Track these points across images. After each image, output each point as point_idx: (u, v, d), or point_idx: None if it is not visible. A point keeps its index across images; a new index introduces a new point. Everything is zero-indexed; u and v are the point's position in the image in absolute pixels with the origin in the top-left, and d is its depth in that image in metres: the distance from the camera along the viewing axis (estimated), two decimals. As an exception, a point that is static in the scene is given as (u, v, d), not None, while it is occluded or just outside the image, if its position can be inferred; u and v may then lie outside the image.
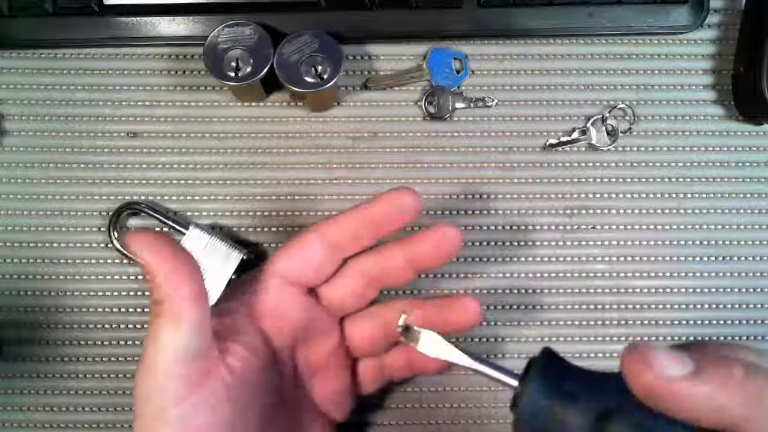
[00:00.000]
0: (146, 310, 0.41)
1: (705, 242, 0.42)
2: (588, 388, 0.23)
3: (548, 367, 0.24)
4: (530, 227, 0.42)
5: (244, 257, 0.40)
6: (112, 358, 0.41)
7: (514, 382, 0.24)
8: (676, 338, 0.42)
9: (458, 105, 0.42)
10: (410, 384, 0.41)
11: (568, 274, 0.42)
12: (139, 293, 0.41)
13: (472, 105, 0.42)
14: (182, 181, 0.42)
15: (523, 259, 0.42)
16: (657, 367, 0.22)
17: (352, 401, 0.34)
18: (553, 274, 0.42)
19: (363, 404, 0.40)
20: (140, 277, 0.41)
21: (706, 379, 0.21)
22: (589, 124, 0.42)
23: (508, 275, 0.42)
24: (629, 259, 0.42)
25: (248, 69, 0.39)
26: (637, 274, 0.42)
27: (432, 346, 0.26)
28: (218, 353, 0.29)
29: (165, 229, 0.41)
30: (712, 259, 0.42)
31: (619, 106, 0.42)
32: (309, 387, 0.34)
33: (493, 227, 0.42)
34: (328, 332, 0.33)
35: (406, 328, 0.27)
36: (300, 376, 0.34)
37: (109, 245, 0.41)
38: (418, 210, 0.32)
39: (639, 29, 0.42)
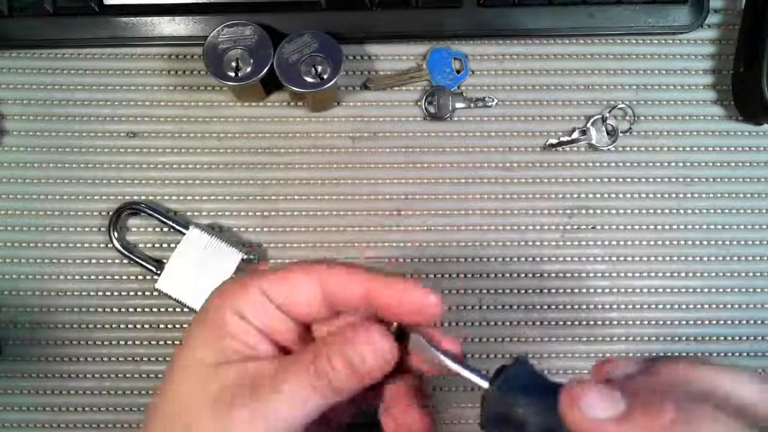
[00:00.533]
0: (146, 310, 0.41)
1: (705, 242, 0.42)
2: (548, 398, 0.24)
3: (516, 373, 0.26)
4: (530, 227, 0.42)
5: (244, 257, 0.40)
6: (112, 358, 0.41)
7: (485, 384, 0.26)
8: (677, 338, 0.42)
9: (458, 105, 0.42)
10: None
11: (568, 274, 0.42)
12: (139, 293, 0.41)
13: (472, 105, 0.42)
14: (182, 181, 0.42)
15: (523, 259, 0.42)
16: (586, 407, 0.22)
17: (357, 406, 0.33)
18: (553, 274, 0.42)
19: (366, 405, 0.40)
20: (140, 277, 0.41)
21: (634, 423, 0.22)
22: (589, 124, 0.42)
23: (508, 275, 0.42)
24: (629, 259, 0.42)
25: (248, 69, 0.39)
26: (637, 274, 0.42)
27: (418, 347, 0.27)
28: None
29: (165, 229, 0.41)
30: (712, 259, 0.42)
31: (619, 106, 0.42)
32: None
33: (493, 227, 0.42)
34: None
35: (398, 330, 0.28)
36: None
37: (109, 245, 0.41)
38: (433, 321, 0.28)
39: (639, 29, 0.42)
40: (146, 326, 0.41)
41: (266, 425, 0.25)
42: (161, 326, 0.41)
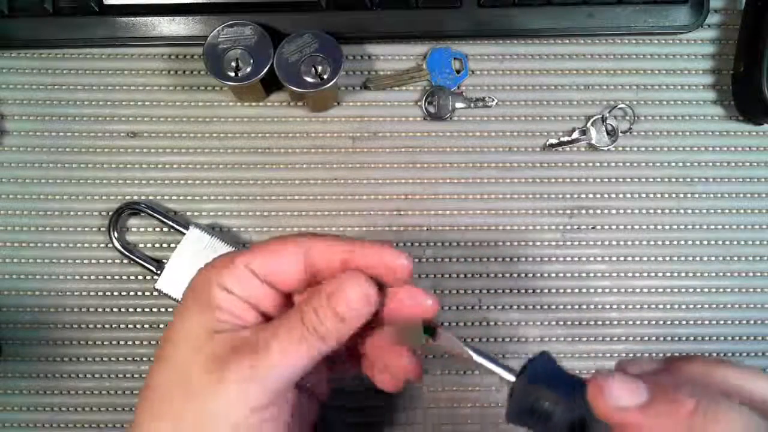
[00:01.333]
0: (146, 310, 0.41)
1: (705, 242, 0.42)
2: (572, 391, 0.25)
3: (541, 368, 0.27)
4: (530, 227, 0.42)
5: (244, 257, 0.40)
6: (112, 358, 0.41)
7: (511, 377, 0.27)
8: (676, 338, 0.42)
9: (458, 105, 0.42)
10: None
11: (568, 274, 0.42)
12: (139, 293, 0.41)
13: (472, 105, 0.42)
14: (182, 181, 0.42)
15: (523, 259, 0.42)
16: (611, 396, 0.24)
17: (330, 384, 0.34)
18: (553, 274, 0.42)
19: (367, 406, 0.40)
20: (140, 277, 0.41)
21: (655, 412, 0.23)
22: (589, 124, 0.42)
23: (508, 275, 0.42)
24: (629, 259, 0.42)
25: (248, 69, 0.39)
26: (637, 274, 0.42)
27: (447, 342, 0.29)
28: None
29: (165, 229, 0.41)
30: (712, 259, 0.42)
31: (619, 106, 0.42)
32: None
33: (493, 227, 0.42)
34: None
35: (425, 327, 0.29)
36: None
37: (109, 245, 0.41)
38: (405, 279, 0.29)
39: (639, 29, 0.42)
40: (146, 326, 0.41)
41: (260, 380, 0.26)
42: (161, 326, 0.41)
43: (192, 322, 0.28)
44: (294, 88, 0.39)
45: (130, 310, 0.41)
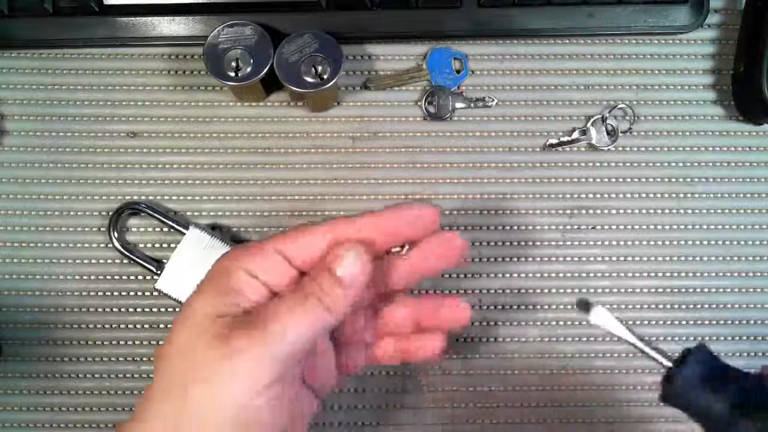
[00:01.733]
0: (146, 310, 0.41)
1: (705, 242, 0.42)
2: (732, 380, 0.28)
3: (702, 357, 0.30)
4: (530, 227, 0.42)
5: (244, 257, 0.40)
6: (112, 358, 0.41)
7: (669, 364, 0.31)
8: (676, 338, 0.42)
9: (458, 105, 0.42)
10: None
11: (568, 274, 0.42)
12: (139, 293, 0.41)
13: (472, 105, 0.42)
14: (182, 181, 0.42)
15: (523, 259, 0.42)
16: None
17: (337, 380, 0.34)
18: (553, 274, 0.42)
19: (367, 405, 0.40)
20: (140, 277, 0.41)
21: None
22: (589, 124, 0.42)
23: (508, 275, 0.42)
24: (629, 259, 0.42)
25: (248, 69, 0.39)
26: (637, 274, 0.42)
27: (602, 319, 0.32)
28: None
29: (165, 229, 0.41)
30: (712, 259, 0.42)
31: (619, 106, 0.42)
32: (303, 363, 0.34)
33: (492, 227, 0.42)
34: None
35: (583, 303, 0.32)
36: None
37: (109, 245, 0.41)
38: (436, 229, 0.32)
39: (639, 29, 0.42)
40: (146, 326, 0.41)
41: (264, 350, 0.26)
42: (161, 326, 0.41)
43: (200, 308, 0.28)
44: (294, 88, 0.39)
45: (130, 310, 0.41)
